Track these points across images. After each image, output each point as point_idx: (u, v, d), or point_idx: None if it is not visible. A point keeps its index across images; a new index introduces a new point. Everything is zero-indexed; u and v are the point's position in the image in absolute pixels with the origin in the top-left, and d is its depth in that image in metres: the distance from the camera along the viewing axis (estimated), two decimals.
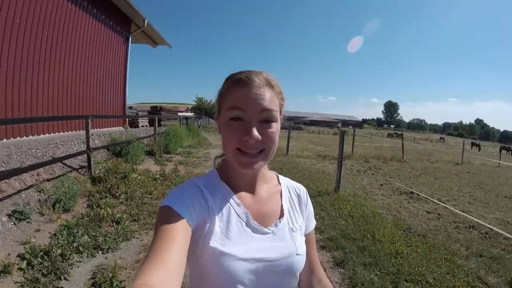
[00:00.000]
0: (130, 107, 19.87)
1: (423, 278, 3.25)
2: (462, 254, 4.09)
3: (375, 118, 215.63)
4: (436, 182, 9.51)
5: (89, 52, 8.76)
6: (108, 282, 2.73)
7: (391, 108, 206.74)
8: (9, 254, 3.06)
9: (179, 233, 0.63)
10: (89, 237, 3.48)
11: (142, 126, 13.26)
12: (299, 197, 0.98)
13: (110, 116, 10.49)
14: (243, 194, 0.85)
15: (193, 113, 38.83)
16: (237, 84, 0.76)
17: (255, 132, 0.72)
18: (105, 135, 7.92)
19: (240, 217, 0.80)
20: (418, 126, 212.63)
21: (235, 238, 0.76)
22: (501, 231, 4.31)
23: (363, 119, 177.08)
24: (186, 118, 22.32)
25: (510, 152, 33.84)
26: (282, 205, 0.91)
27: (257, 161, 0.76)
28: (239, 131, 0.74)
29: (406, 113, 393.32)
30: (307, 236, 0.95)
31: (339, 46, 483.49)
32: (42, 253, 3.04)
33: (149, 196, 5.25)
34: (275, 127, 0.77)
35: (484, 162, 17.04)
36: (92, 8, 8.63)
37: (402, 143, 14.98)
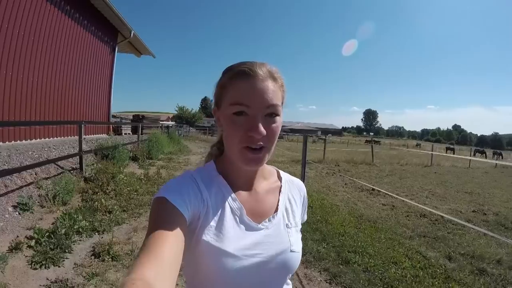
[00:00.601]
0: (113, 116, 20.24)
1: (364, 250, 4.02)
2: (407, 235, 4.86)
3: (355, 126, 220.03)
4: (400, 181, 10.39)
5: (78, 61, 9.31)
6: (105, 252, 3.42)
7: (370, 116, 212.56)
8: (17, 236, 3.66)
9: (174, 227, 0.63)
10: (87, 222, 4.14)
11: (125, 133, 13.77)
12: (298, 193, 0.99)
13: (100, 123, 11.12)
14: (240, 189, 0.85)
15: (174, 122, 39.30)
16: (240, 76, 0.75)
17: (261, 127, 0.72)
18: (92, 141, 8.49)
19: (234, 212, 0.80)
20: (397, 133, 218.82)
21: (229, 233, 0.76)
22: (449, 216, 5.04)
23: (343, 127, 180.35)
24: (168, 126, 22.88)
25: (484, 154, 35.68)
26: (279, 200, 0.90)
27: (260, 157, 0.76)
28: (244, 126, 0.73)
29: (385, 121, 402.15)
30: None
31: (319, 56, 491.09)
32: (48, 233, 3.68)
33: (135, 193, 5.92)
34: (279, 121, 0.78)
35: (455, 164, 18.08)
36: (83, 19, 9.21)
37: (372, 148, 15.94)
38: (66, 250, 3.45)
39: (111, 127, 12.44)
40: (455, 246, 4.51)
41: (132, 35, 11.97)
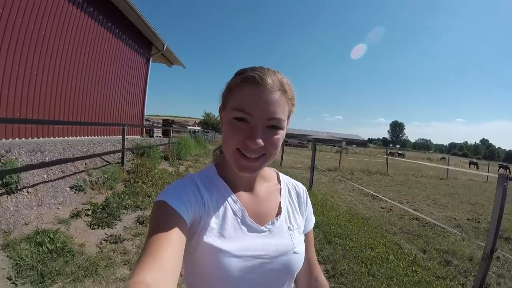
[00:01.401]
0: (147, 120, 21.83)
1: (348, 236, 4.88)
2: (392, 231, 5.58)
3: (381, 138, 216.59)
4: (407, 191, 10.95)
5: (119, 71, 10.67)
6: (147, 220, 4.52)
7: (397, 128, 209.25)
8: (76, 208, 4.78)
9: (175, 230, 0.64)
10: (131, 201, 5.30)
11: (157, 136, 15.08)
12: (298, 195, 0.99)
13: (140, 126, 12.65)
14: (241, 191, 0.86)
15: (201, 128, 41.01)
16: (249, 83, 0.74)
17: (259, 138, 0.72)
18: (129, 141, 9.77)
19: (236, 214, 0.81)
20: (423, 146, 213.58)
21: (230, 235, 0.77)
22: (433, 220, 5.66)
23: (369, 139, 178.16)
24: (194, 131, 24.39)
25: (508, 170, 35.03)
26: (280, 203, 0.91)
27: (256, 166, 0.77)
28: (243, 133, 0.73)
29: (412, 133, 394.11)
30: (306, 235, 0.96)
31: (347, 65, 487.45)
32: (102, 206, 4.84)
33: (168, 183, 7.05)
34: (281, 134, 0.77)
35: (473, 178, 18.13)
36: (122, 34, 10.51)
37: (387, 159, 16.50)
38: (117, 219, 4.59)
39: (144, 129, 13.77)
40: (433, 243, 5.10)
41: (165, 48, 13.18)
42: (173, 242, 0.62)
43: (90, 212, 4.64)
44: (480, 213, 8.20)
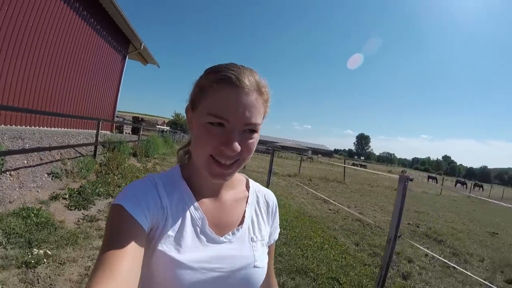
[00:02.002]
0: (117, 116, 22.09)
1: (292, 228, 5.72)
2: (333, 228, 6.47)
3: (347, 149, 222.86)
4: (359, 198, 12.00)
5: (94, 65, 10.96)
6: None
7: (363, 140, 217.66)
8: (53, 192, 5.32)
9: (132, 240, 0.61)
10: (103, 189, 5.91)
11: (126, 133, 15.48)
12: (267, 205, 0.95)
13: (111, 121, 12.96)
14: (204, 197, 0.82)
15: (169, 127, 41.25)
16: (224, 84, 0.69)
17: (236, 145, 0.69)
18: (100, 136, 10.21)
19: (195, 222, 0.77)
20: (387, 159, 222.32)
21: (187, 244, 0.73)
22: (372, 222, 6.61)
23: (335, 149, 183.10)
24: (163, 130, 24.85)
25: (465, 185, 37.90)
26: (245, 212, 0.87)
27: (229, 172, 0.74)
28: (217, 138, 0.69)
29: (377, 146, 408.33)
30: (269, 246, 0.92)
31: (319, 75, 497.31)
32: (77, 191, 5.42)
33: (137, 178, 7.64)
34: (256, 137, 0.74)
35: (426, 191, 19.67)
36: (102, 31, 10.86)
37: (344, 168, 17.71)
38: (91, 203, 5.21)
39: (114, 125, 14.16)
40: (367, 239, 5.96)
41: (142, 47, 13.57)
42: (130, 253, 0.59)
43: (67, 196, 5.21)
44: (423, 220, 9.14)
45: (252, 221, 0.88)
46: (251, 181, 0.97)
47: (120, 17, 11.11)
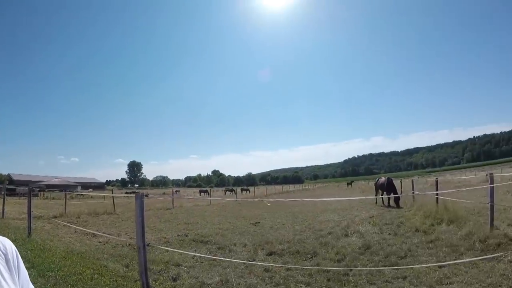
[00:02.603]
0: None
1: (59, 269, 5.86)
2: (103, 257, 6.88)
3: (120, 179, 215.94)
4: (129, 224, 12.33)
5: None
6: None
7: (135, 167, 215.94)
8: None
9: None
10: None
11: None
12: (5, 257, 0.77)
13: None
14: None
15: None
16: None
17: None
18: None
19: None
20: (161, 182, 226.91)
21: None
22: (131, 241, 7.33)
23: (107, 181, 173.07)
24: None
25: (233, 192, 44.10)
26: None
27: None
28: None
29: (150, 171, 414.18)
30: None
31: (81, 102, 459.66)
32: None
33: None
34: None
35: (198, 204, 22.11)
36: None
37: (113, 198, 18.01)
38: None
39: None
40: (135, 259, 6.40)
41: None
42: None
43: None
44: (191, 229, 10.76)
45: None
46: None
47: None
